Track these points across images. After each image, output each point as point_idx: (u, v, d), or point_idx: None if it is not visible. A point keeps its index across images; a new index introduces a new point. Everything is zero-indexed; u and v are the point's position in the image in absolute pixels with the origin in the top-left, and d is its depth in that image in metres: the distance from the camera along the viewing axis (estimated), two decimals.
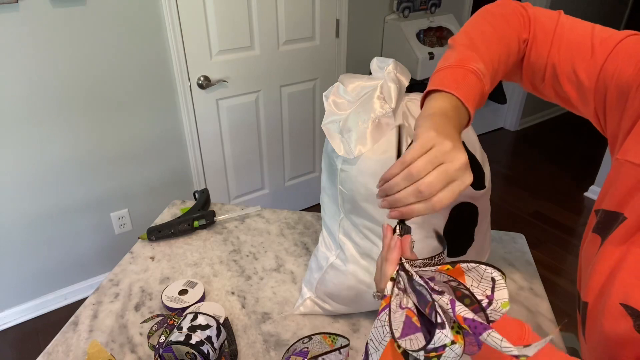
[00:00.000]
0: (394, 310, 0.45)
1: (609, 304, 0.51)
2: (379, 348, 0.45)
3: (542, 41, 0.64)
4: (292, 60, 2.25)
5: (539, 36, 0.65)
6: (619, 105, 0.57)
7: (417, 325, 0.43)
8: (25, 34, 1.58)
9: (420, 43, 2.49)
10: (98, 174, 1.93)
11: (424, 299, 0.44)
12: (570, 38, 0.62)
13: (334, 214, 0.85)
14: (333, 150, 0.77)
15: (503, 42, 0.63)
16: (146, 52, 1.84)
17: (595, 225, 0.59)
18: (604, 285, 0.53)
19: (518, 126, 3.87)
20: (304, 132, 2.50)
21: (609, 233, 0.56)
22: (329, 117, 0.79)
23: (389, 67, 0.77)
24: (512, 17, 0.65)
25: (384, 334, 0.45)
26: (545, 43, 0.64)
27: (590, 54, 0.59)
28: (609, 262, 0.54)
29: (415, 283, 0.46)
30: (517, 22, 0.65)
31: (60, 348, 0.84)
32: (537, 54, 0.65)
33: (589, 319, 0.55)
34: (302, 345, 0.73)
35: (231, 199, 2.42)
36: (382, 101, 0.74)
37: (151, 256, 1.08)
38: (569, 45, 0.61)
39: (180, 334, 0.73)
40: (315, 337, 0.74)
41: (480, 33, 0.64)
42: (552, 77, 0.64)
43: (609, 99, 0.58)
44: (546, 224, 2.67)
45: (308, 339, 0.74)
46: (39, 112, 1.71)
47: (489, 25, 0.65)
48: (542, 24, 0.65)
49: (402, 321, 0.44)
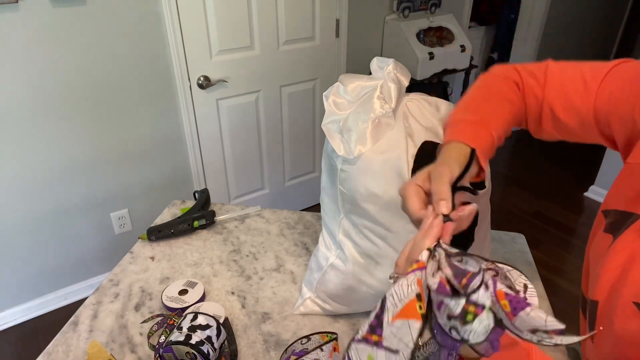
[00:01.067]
0: (429, 274, 0.45)
1: (621, 303, 0.51)
2: (398, 305, 0.44)
3: (534, 86, 0.67)
4: (292, 60, 2.25)
5: (529, 82, 0.68)
6: (624, 126, 0.59)
7: (449, 292, 0.43)
8: (25, 34, 1.58)
9: (420, 43, 2.49)
10: (98, 174, 1.93)
11: (462, 271, 0.43)
12: (562, 77, 0.65)
13: (334, 214, 0.85)
14: (333, 150, 0.77)
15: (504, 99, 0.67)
16: (146, 52, 1.84)
17: (608, 225, 0.59)
18: (615, 283, 0.53)
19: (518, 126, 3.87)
20: (304, 132, 2.50)
21: (620, 232, 0.56)
22: (329, 117, 0.79)
23: (389, 67, 0.77)
24: (502, 79, 0.69)
25: (408, 292, 0.44)
26: (538, 87, 0.67)
27: (583, 86, 0.62)
28: (620, 259, 0.54)
29: (453, 259, 0.45)
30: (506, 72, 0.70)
31: (60, 348, 0.84)
32: (532, 100, 0.68)
33: (598, 318, 0.55)
34: (300, 346, 0.73)
35: (231, 199, 2.42)
36: (382, 101, 0.74)
37: (151, 256, 1.08)
38: (562, 83, 0.64)
39: (180, 334, 0.73)
40: (313, 337, 0.74)
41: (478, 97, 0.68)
42: (550, 116, 0.66)
43: (613, 122, 0.60)
44: (546, 224, 2.67)
45: (306, 340, 0.74)
46: (38, 112, 1.71)
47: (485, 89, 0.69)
48: (532, 72, 0.68)
49: (436, 282, 0.44)
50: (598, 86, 0.60)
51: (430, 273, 0.45)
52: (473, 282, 0.42)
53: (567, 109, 0.63)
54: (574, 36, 3.76)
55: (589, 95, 0.61)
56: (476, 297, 0.41)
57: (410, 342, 0.41)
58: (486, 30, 3.30)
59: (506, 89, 0.68)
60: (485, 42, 3.36)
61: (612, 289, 0.53)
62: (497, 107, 0.66)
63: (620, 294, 0.52)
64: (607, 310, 0.53)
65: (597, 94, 0.60)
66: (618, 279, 0.53)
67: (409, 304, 0.43)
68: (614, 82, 0.60)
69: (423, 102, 0.79)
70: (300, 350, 0.72)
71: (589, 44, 4.01)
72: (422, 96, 0.81)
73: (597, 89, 0.60)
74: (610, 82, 0.60)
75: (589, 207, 2.85)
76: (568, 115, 0.64)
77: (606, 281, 0.54)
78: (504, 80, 0.69)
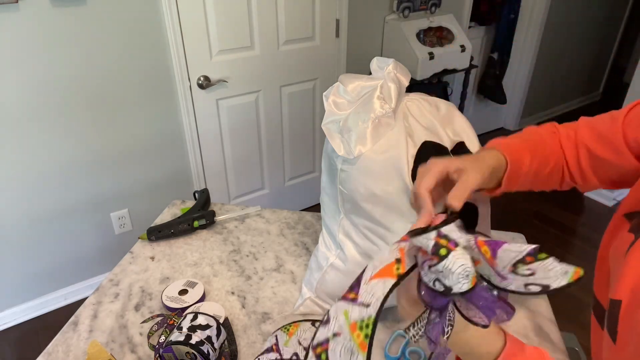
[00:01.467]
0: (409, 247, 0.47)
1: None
2: (377, 267, 0.46)
3: (569, 132, 0.74)
4: (292, 60, 2.25)
5: (564, 131, 0.74)
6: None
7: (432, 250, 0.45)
8: (25, 34, 1.58)
9: (420, 43, 2.49)
10: (98, 174, 1.93)
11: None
12: (590, 120, 0.72)
13: (334, 214, 0.85)
14: (333, 150, 0.77)
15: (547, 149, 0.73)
16: (146, 52, 1.84)
17: (634, 226, 0.60)
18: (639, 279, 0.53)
19: (518, 126, 3.87)
20: (304, 132, 2.50)
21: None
22: (329, 117, 0.79)
23: (389, 67, 0.77)
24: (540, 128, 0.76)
25: (388, 258, 0.46)
26: (572, 132, 0.73)
27: (610, 120, 0.68)
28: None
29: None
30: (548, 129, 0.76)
31: (60, 348, 0.84)
32: (567, 143, 0.73)
33: (623, 317, 0.54)
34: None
35: (231, 199, 2.42)
36: (382, 101, 0.74)
37: (151, 256, 1.08)
38: (591, 122, 0.71)
39: (180, 334, 0.73)
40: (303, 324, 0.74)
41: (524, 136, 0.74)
42: (588, 155, 0.70)
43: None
44: (546, 224, 2.67)
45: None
46: (38, 111, 1.71)
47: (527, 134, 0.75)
48: (564, 124, 0.75)
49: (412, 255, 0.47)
50: (624, 116, 0.66)
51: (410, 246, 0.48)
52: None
53: (599, 141, 0.68)
54: (574, 36, 3.76)
55: (617, 125, 0.66)
56: (447, 231, 0.44)
57: (381, 296, 0.42)
58: (486, 30, 3.30)
59: (545, 134, 0.74)
60: (485, 42, 3.35)
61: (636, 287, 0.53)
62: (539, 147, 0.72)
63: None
64: (631, 309, 0.53)
65: (624, 123, 0.66)
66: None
67: (387, 266, 0.45)
68: (634, 123, 0.65)
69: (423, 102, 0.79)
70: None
71: (589, 44, 4.01)
72: (422, 96, 0.81)
73: (623, 118, 0.66)
74: (637, 113, 0.65)
75: (589, 207, 2.85)
76: (601, 147, 0.68)
77: (630, 280, 0.54)
78: (541, 128, 0.75)
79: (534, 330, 0.86)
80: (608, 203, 2.82)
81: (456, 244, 0.44)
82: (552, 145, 0.72)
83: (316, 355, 0.42)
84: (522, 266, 0.42)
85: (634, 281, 0.53)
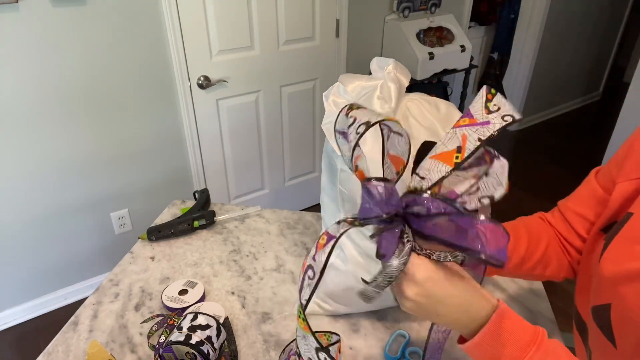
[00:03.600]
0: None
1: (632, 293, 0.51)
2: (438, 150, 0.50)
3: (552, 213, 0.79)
4: (292, 60, 2.25)
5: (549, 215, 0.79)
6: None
7: None
8: (25, 34, 1.58)
9: (420, 43, 2.49)
10: (98, 174, 1.93)
11: None
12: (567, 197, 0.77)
13: (334, 213, 0.85)
14: (333, 150, 0.77)
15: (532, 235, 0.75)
16: (146, 52, 1.84)
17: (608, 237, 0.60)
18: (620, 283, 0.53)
19: (518, 126, 3.87)
20: (304, 132, 2.50)
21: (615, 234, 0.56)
22: (329, 117, 0.79)
23: (389, 67, 0.77)
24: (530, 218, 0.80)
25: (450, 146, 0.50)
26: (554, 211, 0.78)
27: (585, 183, 0.73)
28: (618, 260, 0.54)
29: None
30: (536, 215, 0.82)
31: (60, 348, 0.84)
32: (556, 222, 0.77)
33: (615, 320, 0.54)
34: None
35: (231, 199, 2.42)
36: (382, 101, 0.74)
37: (151, 256, 1.08)
38: (569, 197, 0.77)
39: (180, 334, 0.73)
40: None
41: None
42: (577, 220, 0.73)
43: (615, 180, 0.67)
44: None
45: None
46: (38, 111, 1.71)
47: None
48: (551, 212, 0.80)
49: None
50: (596, 174, 0.71)
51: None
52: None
53: (580, 202, 0.72)
54: (574, 36, 3.76)
55: (591, 183, 0.70)
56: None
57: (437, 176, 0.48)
58: (486, 30, 3.30)
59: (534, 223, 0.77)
60: (485, 42, 3.36)
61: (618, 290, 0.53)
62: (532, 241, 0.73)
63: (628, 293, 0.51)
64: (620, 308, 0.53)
65: (597, 177, 0.70)
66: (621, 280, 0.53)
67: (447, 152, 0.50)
68: (607, 166, 0.68)
69: (423, 102, 0.79)
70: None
71: (589, 44, 4.01)
72: (422, 96, 0.81)
73: (595, 175, 0.71)
74: (604, 171, 0.69)
75: None
76: (584, 205, 0.71)
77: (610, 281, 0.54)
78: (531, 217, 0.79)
79: None
80: None
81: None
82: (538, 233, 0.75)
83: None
84: (490, 104, 0.48)
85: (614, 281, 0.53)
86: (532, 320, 0.88)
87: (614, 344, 0.55)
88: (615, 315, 0.54)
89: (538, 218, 0.78)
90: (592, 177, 0.71)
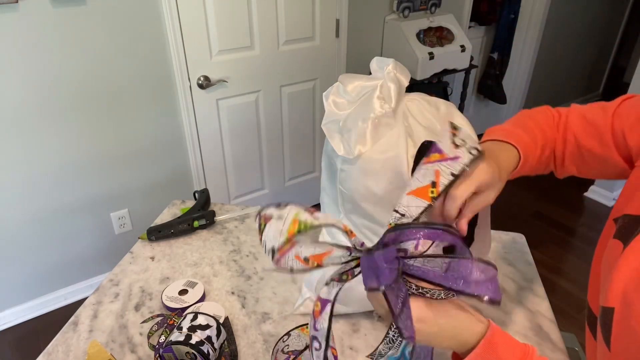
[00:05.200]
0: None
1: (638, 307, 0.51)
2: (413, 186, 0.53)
3: (561, 118, 0.75)
4: (292, 60, 2.25)
5: (557, 115, 0.76)
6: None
7: None
8: (25, 34, 1.58)
9: (420, 43, 2.49)
10: (98, 174, 1.93)
11: None
12: (582, 108, 0.73)
13: (333, 213, 0.85)
14: (333, 150, 0.77)
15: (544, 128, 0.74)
16: (146, 52, 1.84)
17: (617, 231, 0.59)
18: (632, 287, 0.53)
19: None
20: (304, 132, 2.50)
21: (632, 237, 0.56)
22: (329, 117, 0.79)
23: (389, 67, 0.77)
24: (545, 120, 0.77)
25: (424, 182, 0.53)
26: (564, 117, 0.74)
27: (602, 110, 0.69)
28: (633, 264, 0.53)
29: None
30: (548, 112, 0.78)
31: (60, 348, 0.84)
32: (558, 134, 0.75)
33: (616, 324, 0.54)
34: (282, 344, 0.73)
35: (231, 199, 2.42)
36: (382, 101, 0.74)
37: (151, 256, 1.08)
38: (582, 111, 0.72)
39: (180, 334, 0.73)
40: (293, 332, 0.74)
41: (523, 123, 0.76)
42: (574, 143, 0.72)
43: (628, 134, 0.66)
44: (546, 224, 2.67)
45: (287, 336, 0.74)
46: (38, 112, 1.71)
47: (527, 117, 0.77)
48: (557, 109, 0.77)
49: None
50: (616, 107, 0.67)
51: None
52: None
53: (587, 130, 0.70)
54: (573, 36, 3.76)
55: (607, 116, 0.67)
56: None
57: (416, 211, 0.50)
58: (486, 30, 3.30)
59: (544, 122, 0.74)
60: (485, 42, 3.35)
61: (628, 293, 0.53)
62: (542, 137, 0.72)
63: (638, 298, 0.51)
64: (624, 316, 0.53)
65: (614, 114, 0.67)
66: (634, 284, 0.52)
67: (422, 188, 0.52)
68: (632, 105, 0.66)
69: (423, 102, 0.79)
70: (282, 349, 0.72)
71: (589, 44, 4.01)
72: (422, 96, 0.81)
73: (614, 110, 0.67)
74: (628, 105, 0.66)
75: (589, 207, 2.85)
76: (588, 135, 0.69)
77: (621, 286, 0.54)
78: (539, 114, 0.76)
79: (533, 330, 0.86)
80: (608, 203, 2.82)
81: None
82: (550, 133, 0.74)
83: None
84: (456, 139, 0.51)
85: (624, 288, 0.53)
86: (532, 320, 0.89)
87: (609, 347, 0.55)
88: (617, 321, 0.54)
89: (549, 119, 0.76)
90: (612, 108, 0.68)
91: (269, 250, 0.47)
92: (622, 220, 0.60)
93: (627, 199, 0.61)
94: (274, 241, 0.47)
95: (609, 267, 0.59)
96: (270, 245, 0.47)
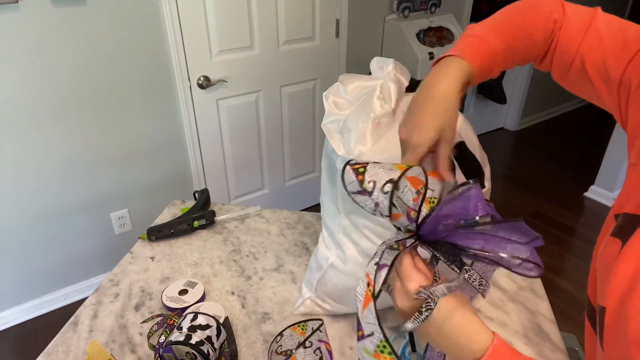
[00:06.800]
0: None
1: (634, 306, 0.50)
2: (361, 300, 0.52)
3: (575, 31, 0.65)
4: (292, 60, 2.25)
5: (572, 25, 0.65)
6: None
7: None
8: (25, 34, 1.58)
9: (420, 43, 2.49)
10: (98, 174, 1.93)
11: None
12: (604, 33, 0.63)
13: (333, 214, 0.85)
14: (333, 150, 0.77)
15: (526, 20, 0.67)
16: (146, 52, 1.84)
17: (616, 229, 0.59)
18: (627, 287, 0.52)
19: (518, 126, 3.87)
20: (304, 132, 2.50)
21: (630, 236, 0.55)
22: (329, 117, 0.79)
23: (389, 67, 0.77)
24: (540, 13, 0.68)
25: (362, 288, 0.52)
26: (578, 33, 0.65)
27: (621, 48, 0.60)
28: (632, 263, 0.53)
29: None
30: (550, 4, 0.68)
31: (60, 348, 0.84)
32: (567, 43, 0.66)
33: (608, 323, 0.54)
34: (276, 345, 0.73)
35: (231, 199, 2.42)
36: (382, 101, 0.74)
37: (151, 256, 1.08)
38: (602, 40, 0.62)
39: (180, 334, 0.73)
40: (285, 331, 0.74)
41: (502, 14, 0.69)
42: (580, 68, 0.65)
43: (633, 92, 0.59)
44: (546, 224, 2.67)
45: (280, 337, 0.74)
46: (38, 112, 1.71)
47: (514, 7, 0.69)
48: (577, 13, 0.66)
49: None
50: (635, 54, 0.58)
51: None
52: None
53: (597, 66, 0.63)
54: None
55: (625, 58, 0.59)
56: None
57: (375, 321, 0.49)
58: None
59: (537, 23, 0.66)
60: None
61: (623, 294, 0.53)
62: (517, 39, 0.66)
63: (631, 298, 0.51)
64: (618, 315, 0.53)
65: (632, 61, 0.58)
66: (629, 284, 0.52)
67: (365, 295, 0.51)
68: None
69: None
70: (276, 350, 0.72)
71: None
72: None
73: (633, 56, 0.58)
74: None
75: (589, 207, 2.85)
76: (596, 72, 0.63)
77: (616, 286, 0.54)
78: (541, 13, 0.67)
79: (534, 330, 0.86)
80: (608, 203, 2.82)
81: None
82: (535, 43, 0.67)
83: None
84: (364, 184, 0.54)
85: (619, 289, 0.53)
86: (532, 320, 0.89)
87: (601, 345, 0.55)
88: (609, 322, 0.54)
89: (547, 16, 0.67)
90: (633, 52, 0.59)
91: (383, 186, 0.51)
92: (622, 219, 0.59)
93: (627, 198, 0.60)
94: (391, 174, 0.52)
95: (605, 265, 0.59)
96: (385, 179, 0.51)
